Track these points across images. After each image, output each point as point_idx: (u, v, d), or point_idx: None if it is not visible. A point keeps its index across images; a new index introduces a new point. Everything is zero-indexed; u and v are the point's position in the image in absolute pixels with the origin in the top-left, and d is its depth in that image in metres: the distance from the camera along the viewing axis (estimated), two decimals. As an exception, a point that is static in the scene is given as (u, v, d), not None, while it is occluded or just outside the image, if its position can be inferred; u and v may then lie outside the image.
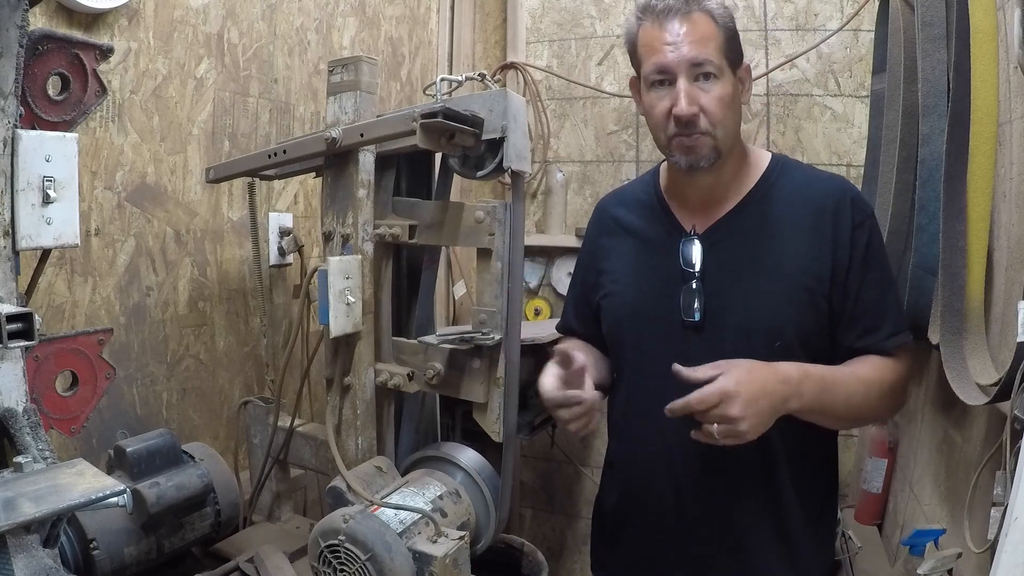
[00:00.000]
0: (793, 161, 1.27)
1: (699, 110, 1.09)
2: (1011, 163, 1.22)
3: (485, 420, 1.27)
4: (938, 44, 1.35)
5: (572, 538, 2.67)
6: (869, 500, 1.98)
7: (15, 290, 0.95)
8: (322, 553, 1.11)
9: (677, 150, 1.14)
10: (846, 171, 2.23)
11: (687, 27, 1.09)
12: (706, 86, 1.10)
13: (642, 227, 1.28)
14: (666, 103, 1.11)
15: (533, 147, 2.53)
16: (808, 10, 2.22)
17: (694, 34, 1.08)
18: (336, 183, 1.32)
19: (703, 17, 1.10)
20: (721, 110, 1.10)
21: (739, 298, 1.15)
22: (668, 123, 1.12)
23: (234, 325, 1.71)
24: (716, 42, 1.10)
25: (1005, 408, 0.99)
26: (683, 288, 1.17)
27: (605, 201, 1.40)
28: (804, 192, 1.18)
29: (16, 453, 0.90)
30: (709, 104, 1.09)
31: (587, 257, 1.39)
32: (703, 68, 1.09)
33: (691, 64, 1.09)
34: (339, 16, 1.99)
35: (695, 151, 1.12)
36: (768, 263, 1.15)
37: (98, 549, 1.12)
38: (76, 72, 1.04)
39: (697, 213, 1.21)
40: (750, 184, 1.21)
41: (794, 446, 1.17)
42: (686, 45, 1.08)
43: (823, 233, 1.14)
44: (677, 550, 1.24)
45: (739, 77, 1.16)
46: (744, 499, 1.18)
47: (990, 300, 1.24)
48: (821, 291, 1.14)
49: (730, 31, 1.13)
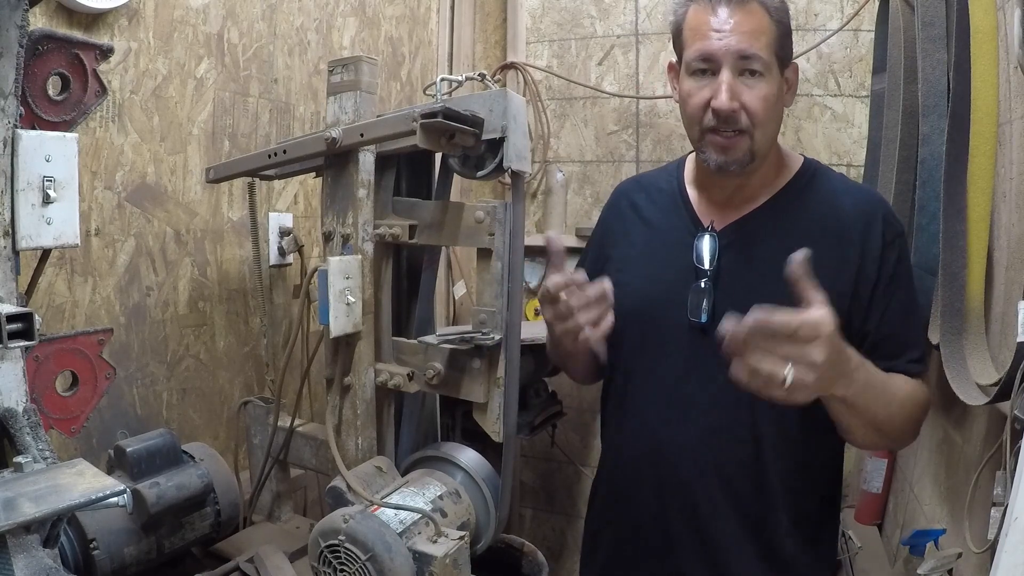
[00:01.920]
0: (827, 168, 1.19)
1: (740, 106, 1.02)
2: (1011, 163, 1.22)
3: (485, 420, 1.27)
4: (938, 44, 1.35)
5: (572, 538, 2.67)
6: (869, 500, 1.98)
7: (15, 290, 0.94)
8: (322, 553, 1.11)
9: (710, 147, 1.06)
10: (846, 171, 2.23)
11: (739, 16, 1.00)
12: (751, 82, 1.02)
13: (658, 217, 1.21)
14: (706, 93, 1.03)
15: (533, 147, 2.53)
16: (808, 10, 2.22)
17: (745, 25, 1.00)
18: (336, 183, 1.32)
19: (758, 8, 1.01)
20: (764, 110, 1.03)
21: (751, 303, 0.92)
22: (705, 115, 1.04)
23: (234, 325, 1.71)
24: (768, 37, 1.02)
25: (1005, 408, 0.99)
26: (692, 286, 1.10)
27: (625, 185, 1.33)
28: (834, 201, 1.10)
29: (16, 453, 0.90)
30: (751, 102, 1.02)
31: (598, 240, 1.33)
32: (750, 63, 1.01)
33: (738, 56, 1.00)
34: (339, 16, 1.99)
35: (729, 151, 1.05)
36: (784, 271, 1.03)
37: (98, 549, 1.12)
38: (76, 72, 1.04)
39: (718, 209, 1.14)
40: (778, 186, 1.14)
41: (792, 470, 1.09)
42: (736, 35, 1.00)
43: (850, 246, 1.06)
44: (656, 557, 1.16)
45: (786, 77, 1.08)
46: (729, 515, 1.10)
47: (990, 300, 1.24)
48: (841, 306, 0.97)
49: (784, 27, 1.05)
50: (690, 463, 1.11)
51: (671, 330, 1.12)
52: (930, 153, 1.37)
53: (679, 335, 1.11)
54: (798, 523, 1.11)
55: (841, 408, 0.95)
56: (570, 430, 2.57)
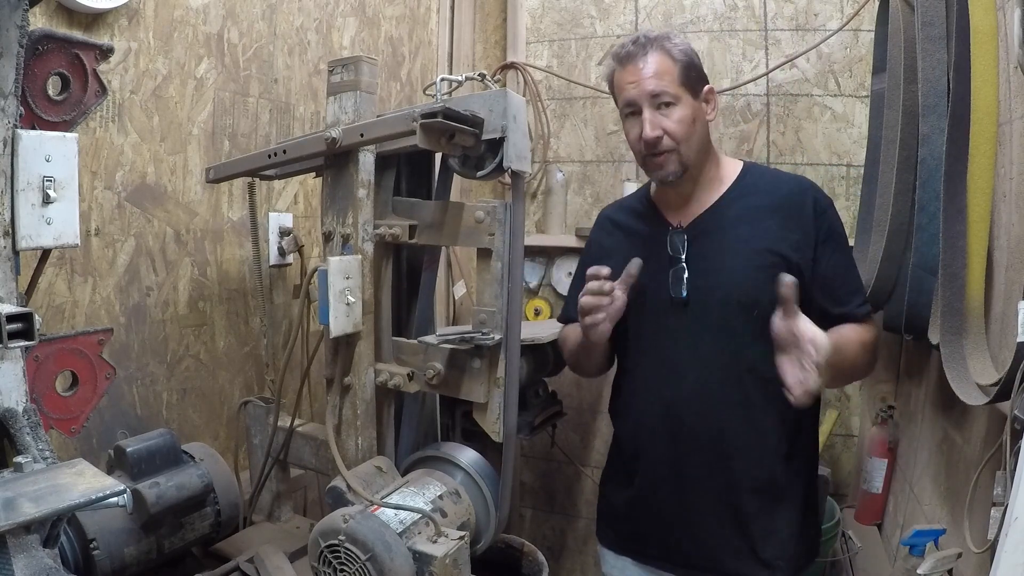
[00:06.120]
0: (762, 165, 1.47)
1: (663, 133, 1.28)
2: (1011, 163, 1.22)
3: (485, 420, 1.27)
4: (938, 44, 1.35)
5: (572, 538, 2.67)
6: (869, 500, 1.98)
7: (15, 290, 0.95)
8: (322, 553, 1.11)
9: (650, 167, 1.34)
10: (846, 171, 2.23)
11: (644, 66, 1.29)
12: (667, 112, 1.29)
13: (635, 226, 1.46)
14: (637, 130, 1.31)
15: (533, 147, 2.53)
16: (808, 10, 2.23)
17: (650, 70, 1.29)
18: (336, 183, 1.32)
19: (659, 55, 1.29)
20: (682, 130, 1.29)
21: (718, 276, 1.31)
22: (640, 145, 1.32)
23: (234, 325, 1.71)
24: (671, 75, 1.29)
25: (1005, 408, 0.99)
26: (671, 271, 1.34)
27: (607, 210, 1.59)
28: (772, 187, 1.37)
29: (16, 453, 0.90)
30: (670, 127, 1.28)
31: (590, 256, 1.51)
32: (661, 98, 1.28)
33: (651, 95, 1.28)
34: (339, 16, 1.99)
35: (663, 167, 1.31)
36: (741, 245, 1.32)
37: (98, 549, 1.12)
38: (76, 72, 1.04)
39: (681, 212, 1.39)
40: (725, 186, 1.38)
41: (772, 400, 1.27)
42: (644, 81, 1.28)
43: (791, 216, 1.32)
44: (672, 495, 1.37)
45: (703, 99, 1.34)
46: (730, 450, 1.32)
47: (990, 300, 1.24)
48: (792, 260, 1.28)
49: (687, 62, 1.31)
50: (691, 413, 1.33)
51: (658, 307, 1.35)
52: (930, 153, 1.37)
53: (664, 310, 1.35)
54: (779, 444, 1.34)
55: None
56: (570, 430, 2.57)
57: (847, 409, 2.30)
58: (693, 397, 1.33)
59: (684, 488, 1.36)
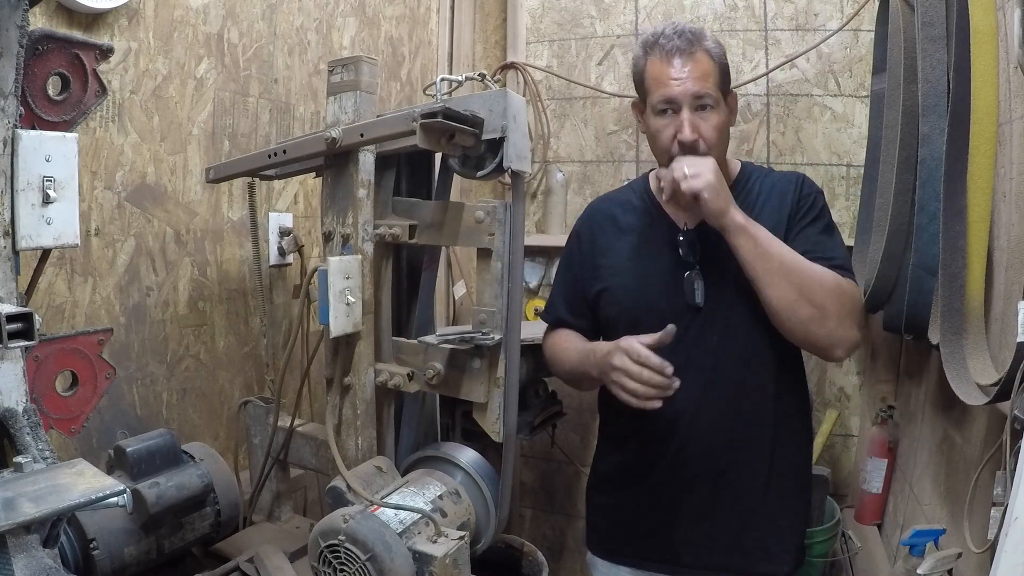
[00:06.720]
0: (757, 165, 1.48)
1: (699, 136, 1.27)
2: (1011, 163, 1.22)
3: (485, 420, 1.27)
4: (938, 44, 1.35)
5: (572, 538, 2.67)
6: (869, 500, 1.98)
7: (15, 290, 0.94)
8: (322, 553, 1.11)
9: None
10: (846, 171, 2.23)
11: (691, 65, 1.26)
12: (705, 115, 1.28)
13: (640, 226, 1.42)
14: (671, 130, 1.29)
15: (533, 147, 2.53)
16: (808, 10, 2.22)
17: (696, 71, 1.26)
18: (336, 183, 1.32)
19: (704, 56, 1.27)
20: (716, 136, 1.29)
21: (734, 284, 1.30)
22: (672, 145, 1.29)
23: (234, 325, 1.71)
24: (714, 77, 1.28)
25: (1005, 408, 0.99)
26: (686, 276, 1.33)
27: (598, 203, 1.54)
28: (768, 186, 1.39)
29: (16, 453, 0.90)
30: (707, 132, 1.28)
31: (581, 254, 1.49)
32: (703, 100, 1.27)
33: (694, 97, 1.26)
34: (339, 16, 1.99)
35: None
36: None
37: (98, 549, 1.12)
38: (76, 72, 1.04)
39: (687, 214, 1.36)
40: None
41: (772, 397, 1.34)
42: (690, 81, 1.26)
43: (784, 205, 1.35)
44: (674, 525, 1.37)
45: (729, 105, 1.34)
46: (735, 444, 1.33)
47: (990, 300, 1.24)
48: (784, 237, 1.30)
49: (723, 66, 1.31)
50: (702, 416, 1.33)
51: (669, 312, 1.30)
52: (930, 153, 1.37)
53: (676, 317, 1.28)
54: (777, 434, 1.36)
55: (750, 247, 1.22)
56: (570, 430, 2.56)
57: (847, 409, 2.30)
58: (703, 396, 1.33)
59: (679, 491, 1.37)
